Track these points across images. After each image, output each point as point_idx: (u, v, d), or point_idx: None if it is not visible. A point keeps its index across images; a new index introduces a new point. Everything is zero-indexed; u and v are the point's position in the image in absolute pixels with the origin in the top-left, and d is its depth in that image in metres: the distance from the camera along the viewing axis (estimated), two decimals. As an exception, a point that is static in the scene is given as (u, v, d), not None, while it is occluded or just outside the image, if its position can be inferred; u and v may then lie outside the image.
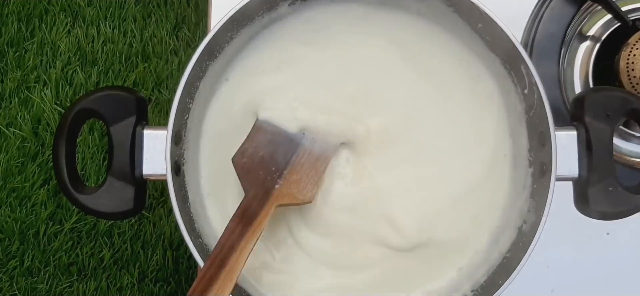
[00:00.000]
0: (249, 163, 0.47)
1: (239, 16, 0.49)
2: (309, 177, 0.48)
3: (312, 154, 0.48)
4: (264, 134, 0.48)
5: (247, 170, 0.47)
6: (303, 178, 0.47)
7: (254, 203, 0.45)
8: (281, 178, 0.47)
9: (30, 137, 1.17)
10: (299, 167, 0.48)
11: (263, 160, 0.47)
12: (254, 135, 0.48)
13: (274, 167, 0.47)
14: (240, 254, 0.42)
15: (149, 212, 1.13)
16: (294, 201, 0.47)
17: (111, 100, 0.47)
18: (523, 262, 0.45)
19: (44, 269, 1.12)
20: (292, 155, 0.48)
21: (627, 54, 0.60)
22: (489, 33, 0.49)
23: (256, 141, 0.48)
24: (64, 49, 1.20)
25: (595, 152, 0.46)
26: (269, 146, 0.48)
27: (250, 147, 0.48)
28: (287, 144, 0.48)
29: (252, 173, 0.47)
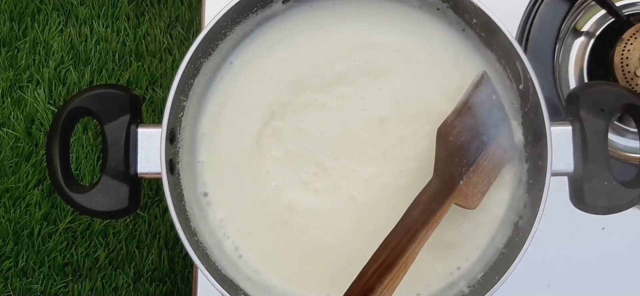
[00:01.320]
0: (452, 144, 0.44)
1: (233, 13, 0.49)
2: (483, 184, 0.45)
3: (492, 160, 0.46)
4: (471, 117, 0.45)
5: (449, 150, 0.44)
6: (479, 183, 0.45)
7: (443, 192, 0.43)
8: (467, 174, 0.44)
9: (23, 137, 1.16)
10: (481, 170, 0.45)
11: (462, 147, 0.44)
12: (464, 113, 0.45)
13: (466, 159, 0.44)
14: (420, 243, 0.41)
15: (144, 211, 1.13)
16: (465, 204, 0.45)
17: (105, 99, 0.47)
18: (519, 258, 0.45)
19: (38, 269, 1.12)
20: (479, 154, 0.45)
21: (621, 49, 0.61)
22: (483, 29, 0.49)
23: (464, 122, 0.45)
24: (57, 48, 1.20)
25: (590, 146, 0.46)
26: (470, 132, 0.45)
27: (459, 125, 0.44)
28: (479, 140, 0.45)
29: (451, 156, 0.44)
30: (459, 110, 0.45)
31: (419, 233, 0.41)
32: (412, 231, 0.41)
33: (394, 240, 0.41)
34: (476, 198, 0.45)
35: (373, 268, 0.40)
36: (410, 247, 0.40)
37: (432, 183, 0.43)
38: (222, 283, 0.46)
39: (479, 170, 0.45)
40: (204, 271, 0.45)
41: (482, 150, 0.45)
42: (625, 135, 0.62)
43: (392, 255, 0.40)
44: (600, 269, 0.62)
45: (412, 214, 0.41)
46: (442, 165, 0.44)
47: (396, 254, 0.40)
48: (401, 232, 0.41)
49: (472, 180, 0.45)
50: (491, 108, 0.46)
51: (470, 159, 0.45)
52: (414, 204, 0.42)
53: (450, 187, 0.43)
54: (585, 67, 0.64)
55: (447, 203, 0.43)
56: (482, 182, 0.45)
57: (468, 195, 0.44)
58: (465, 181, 0.44)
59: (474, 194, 0.45)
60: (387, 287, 0.39)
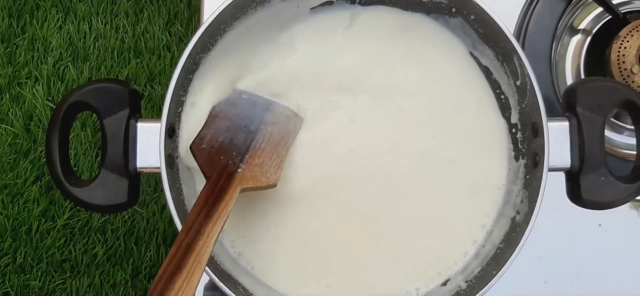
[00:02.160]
0: (208, 149, 0.46)
1: (232, 8, 0.49)
2: (271, 160, 0.47)
3: (272, 139, 0.48)
4: (221, 121, 0.48)
5: (207, 156, 0.46)
6: (266, 162, 0.47)
7: (218, 187, 0.44)
8: (243, 162, 0.46)
9: (21, 133, 1.16)
10: (260, 151, 0.47)
11: (222, 146, 0.47)
12: (211, 122, 0.48)
13: (234, 152, 0.47)
14: (207, 238, 0.41)
15: (142, 208, 1.13)
16: (258, 184, 0.46)
17: (104, 93, 0.47)
18: (516, 253, 0.45)
19: (36, 266, 1.12)
20: (252, 141, 0.48)
21: (618, 46, 0.61)
22: (481, 26, 0.50)
23: (214, 128, 0.48)
24: (56, 45, 1.20)
25: (587, 142, 0.46)
26: (227, 132, 0.48)
27: (208, 133, 0.47)
28: (244, 131, 0.48)
29: (212, 159, 0.46)
30: (206, 122, 0.48)
31: (204, 229, 0.42)
32: (193, 231, 0.42)
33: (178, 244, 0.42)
34: (270, 173, 0.47)
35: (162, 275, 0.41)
36: (197, 245, 0.41)
37: (204, 187, 0.45)
38: (221, 278, 0.46)
39: (260, 153, 0.47)
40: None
41: (253, 137, 0.48)
42: (622, 132, 0.63)
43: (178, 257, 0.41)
44: (596, 265, 0.62)
45: (191, 217, 0.43)
46: (206, 168, 0.46)
47: (181, 255, 0.41)
48: (183, 235, 0.42)
49: (255, 163, 0.47)
50: (245, 104, 0.49)
51: (241, 150, 0.47)
52: (192, 210, 0.43)
53: (227, 180, 0.45)
54: (582, 64, 0.64)
55: (230, 193, 0.44)
56: (271, 158, 0.48)
57: (256, 176, 0.46)
58: (244, 168, 0.46)
59: (265, 172, 0.47)
60: (182, 289, 0.40)
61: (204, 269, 0.41)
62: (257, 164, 0.47)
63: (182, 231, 0.42)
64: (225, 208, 0.43)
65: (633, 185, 0.46)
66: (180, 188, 0.49)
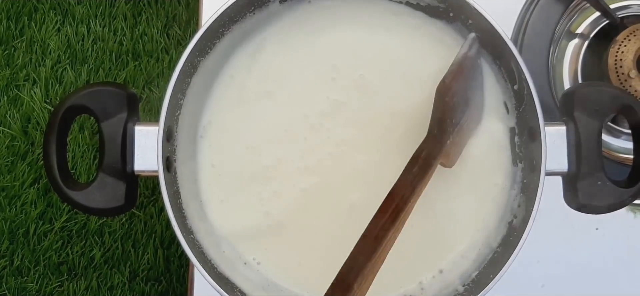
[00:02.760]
0: (448, 105, 0.45)
1: (230, 12, 0.49)
2: (461, 145, 0.46)
3: (470, 121, 0.47)
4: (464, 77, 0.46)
5: (443, 110, 0.44)
6: (459, 143, 0.46)
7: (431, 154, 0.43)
8: (453, 134, 0.45)
9: (19, 135, 1.16)
10: (462, 131, 0.46)
11: (454, 108, 0.45)
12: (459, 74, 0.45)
13: (454, 120, 0.46)
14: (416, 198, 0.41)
15: (139, 211, 1.13)
16: (446, 163, 0.45)
17: (102, 96, 0.47)
18: (513, 257, 0.45)
19: (33, 268, 1.11)
20: (463, 114, 0.47)
21: (615, 51, 0.61)
22: (479, 29, 0.50)
23: (458, 83, 0.45)
24: (54, 47, 1.19)
25: (584, 146, 0.46)
26: (461, 94, 0.46)
27: (454, 86, 0.45)
28: (464, 102, 0.47)
29: (445, 116, 0.44)
30: (454, 72, 0.46)
31: (417, 188, 0.41)
32: (412, 186, 0.41)
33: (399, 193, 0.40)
34: (455, 158, 0.46)
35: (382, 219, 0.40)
36: (411, 201, 0.40)
37: (428, 141, 0.44)
38: (219, 282, 0.46)
39: (462, 131, 0.46)
40: (200, 269, 0.45)
41: (465, 111, 0.47)
42: (619, 136, 0.63)
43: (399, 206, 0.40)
44: (593, 269, 0.62)
45: (413, 170, 0.41)
46: (437, 124, 0.44)
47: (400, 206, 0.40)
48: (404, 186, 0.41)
49: (456, 140, 0.46)
50: (476, 72, 0.48)
51: (457, 119, 0.46)
52: (413, 161, 0.42)
53: (441, 145, 0.44)
54: (579, 69, 0.64)
55: (436, 163, 0.43)
56: (462, 142, 0.47)
57: (450, 153, 0.45)
58: (451, 141, 0.45)
59: (455, 154, 0.46)
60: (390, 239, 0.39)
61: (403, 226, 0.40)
62: (456, 142, 0.46)
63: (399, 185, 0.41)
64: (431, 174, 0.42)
65: (630, 189, 0.46)
66: (177, 191, 0.49)
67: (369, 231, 0.39)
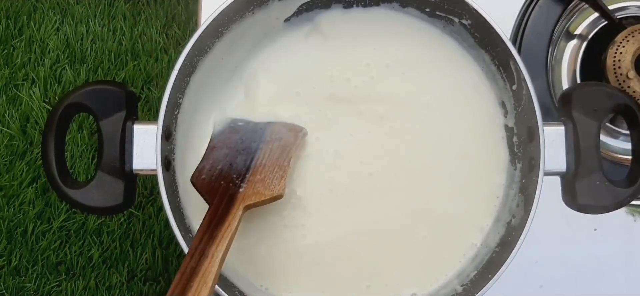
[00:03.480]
0: (208, 178, 0.47)
1: (229, 12, 0.49)
2: (273, 174, 0.48)
3: (272, 154, 0.49)
4: (219, 150, 0.49)
5: (208, 185, 0.47)
6: (267, 177, 0.48)
7: (220, 210, 0.45)
8: (244, 182, 0.47)
9: (18, 135, 1.16)
10: (261, 168, 0.48)
11: (222, 173, 0.48)
12: (209, 154, 0.49)
13: (234, 175, 0.48)
14: (212, 259, 0.42)
15: (138, 211, 1.13)
16: (262, 198, 0.47)
17: (101, 95, 0.47)
18: (512, 257, 0.45)
19: (31, 268, 1.11)
20: (251, 161, 0.48)
21: (613, 51, 0.61)
22: (478, 30, 0.50)
23: (212, 158, 0.48)
24: (53, 47, 1.19)
25: (582, 146, 0.46)
26: (226, 159, 0.48)
27: (207, 164, 0.48)
28: (244, 154, 0.49)
29: (213, 186, 0.47)
30: (204, 155, 0.49)
31: (208, 250, 0.42)
32: (198, 254, 0.42)
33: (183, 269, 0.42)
34: (273, 186, 0.48)
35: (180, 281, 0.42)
36: (202, 267, 0.42)
37: (207, 212, 0.45)
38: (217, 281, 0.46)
39: (261, 169, 0.48)
40: (198, 268, 0.45)
41: (253, 156, 0.49)
42: (617, 136, 0.63)
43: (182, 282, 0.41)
44: (592, 269, 0.62)
45: (194, 242, 0.43)
46: (208, 197, 0.46)
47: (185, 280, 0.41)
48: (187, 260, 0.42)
49: (257, 179, 0.47)
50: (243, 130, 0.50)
51: (241, 171, 0.48)
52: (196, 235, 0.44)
53: (229, 202, 0.46)
54: (578, 69, 0.64)
55: (232, 213, 0.45)
56: (273, 172, 0.48)
57: (259, 191, 0.47)
58: (246, 186, 0.47)
59: (268, 185, 0.47)
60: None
61: (211, 289, 0.42)
62: (258, 180, 0.47)
63: (187, 256, 0.42)
64: (229, 228, 0.44)
65: (628, 189, 0.46)
66: (176, 190, 0.49)
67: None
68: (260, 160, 0.49)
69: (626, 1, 0.65)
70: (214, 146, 0.49)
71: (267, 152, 0.49)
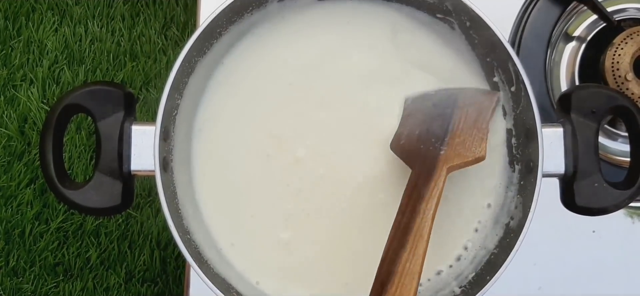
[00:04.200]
0: (407, 144, 0.48)
1: (228, 12, 0.49)
2: (473, 137, 0.47)
3: (469, 117, 0.48)
4: (414, 116, 0.49)
5: (407, 150, 0.47)
6: (467, 139, 0.47)
7: (424, 172, 0.45)
8: (444, 145, 0.47)
9: (16, 135, 1.15)
10: (459, 131, 0.47)
11: (420, 137, 0.48)
12: (405, 121, 0.49)
13: (433, 139, 0.47)
14: (424, 215, 0.42)
15: (136, 212, 1.13)
16: (465, 160, 0.46)
17: (99, 95, 0.47)
18: (510, 258, 0.45)
19: (29, 269, 1.11)
20: (448, 124, 0.48)
21: (612, 54, 0.61)
22: (476, 32, 0.50)
23: (409, 125, 0.49)
24: (51, 48, 1.19)
25: (581, 148, 0.46)
26: (422, 124, 0.48)
27: (403, 131, 0.49)
28: (440, 118, 0.49)
29: (413, 151, 0.47)
30: (400, 122, 0.50)
31: (418, 208, 0.43)
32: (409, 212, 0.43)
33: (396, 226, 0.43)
34: (475, 147, 0.47)
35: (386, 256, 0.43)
36: (415, 223, 0.42)
37: (410, 176, 0.46)
38: (215, 282, 0.46)
39: (459, 132, 0.47)
40: (196, 270, 0.45)
41: (449, 121, 0.48)
42: (615, 138, 0.63)
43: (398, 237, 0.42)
44: (590, 271, 0.62)
45: (402, 201, 0.44)
46: (409, 161, 0.47)
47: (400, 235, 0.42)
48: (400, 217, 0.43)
49: (456, 142, 0.47)
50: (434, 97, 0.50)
51: (440, 135, 0.47)
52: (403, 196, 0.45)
53: (432, 164, 0.46)
54: (576, 72, 0.64)
55: (437, 174, 0.45)
56: (472, 135, 0.47)
57: (460, 153, 0.46)
58: (446, 149, 0.46)
59: (469, 147, 0.46)
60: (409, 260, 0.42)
61: (427, 243, 0.42)
62: (459, 143, 0.47)
63: (398, 213, 0.44)
64: (435, 187, 0.44)
65: (627, 191, 0.46)
66: (174, 191, 0.49)
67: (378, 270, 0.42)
68: (457, 124, 0.48)
69: (625, 3, 0.65)
70: (409, 114, 0.50)
71: (463, 115, 0.48)
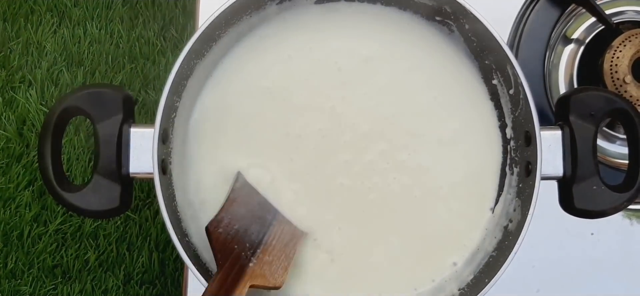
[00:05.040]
0: (224, 235, 0.46)
1: (227, 14, 0.49)
2: (279, 261, 0.47)
3: (282, 237, 0.48)
4: (238, 207, 0.48)
5: (223, 242, 0.46)
6: (275, 261, 0.47)
7: (229, 279, 0.44)
8: (255, 256, 0.46)
9: (15, 137, 1.15)
10: (271, 249, 0.47)
11: (238, 234, 0.47)
12: (229, 206, 0.48)
13: (248, 244, 0.47)
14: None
15: (134, 214, 1.13)
16: (266, 284, 0.46)
17: (98, 98, 0.47)
18: (509, 261, 0.45)
19: (27, 271, 1.11)
20: (264, 235, 0.48)
21: (610, 56, 0.61)
22: (475, 34, 0.50)
23: (231, 213, 0.47)
24: (50, 49, 1.19)
25: (579, 150, 0.46)
26: (243, 220, 0.47)
27: (225, 217, 0.47)
28: (259, 223, 0.48)
29: (227, 246, 0.46)
30: (223, 206, 0.47)
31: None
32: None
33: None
34: (278, 275, 0.47)
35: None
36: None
37: (215, 275, 0.45)
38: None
39: (271, 250, 0.47)
40: (195, 272, 0.45)
41: (266, 231, 0.48)
42: (614, 141, 0.63)
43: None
44: (589, 273, 0.62)
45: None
46: (220, 255, 0.45)
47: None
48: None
49: (265, 260, 0.47)
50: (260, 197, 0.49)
51: (254, 243, 0.47)
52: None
53: (238, 273, 0.45)
54: (575, 74, 0.64)
55: (240, 287, 0.44)
56: (279, 259, 0.47)
57: (265, 274, 0.46)
58: (255, 262, 0.46)
59: (274, 272, 0.47)
60: None
61: None
62: (267, 261, 0.47)
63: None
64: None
65: (625, 194, 0.46)
66: (173, 193, 0.48)
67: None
68: (271, 237, 0.48)
69: (623, 6, 0.65)
70: (234, 199, 0.48)
71: (279, 232, 0.48)
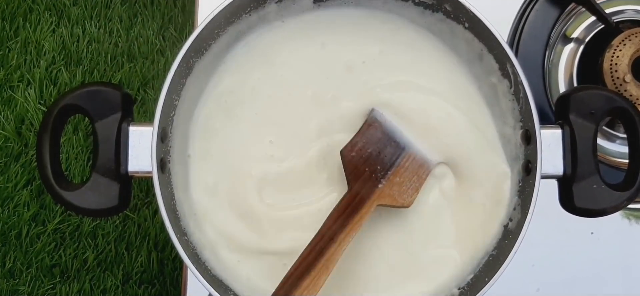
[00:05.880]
0: (357, 158, 0.48)
1: (226, 13, 0.49)
2: (410, 182, 0.48)
3: (416, 160, 0.49)
4: (374, 131, 0.49)
5: (354, 164, 0.48)
6: (405, 182, 0.48)
7: (358, 198, 0.46)
8: (385, 178, 0.48)
9: (13, 136, 1.15)
10: (403, 171, 0.48)
11: (370, 157, 0.48)
12: (365, 131, 0.49)
13: (379, 166, 0.48)
14: (339, 245, 0.43)
15: (133, 213, 1.12)
16: (394, 203, 0.47)
17: (96, 96, 0.47)
18: (509, 260, 0.45)
19: (26, 271, 1.11)
20: (397, 158, 0.49)
21: (610, 55, 0.61)
22: (475, 32, 0.50)
23: (366, 137, 0.49)
24: (49, 48, 1.19)
25: (579, 149, 0.46)
26: (377, 144, 0.49)
27: (360, 141, 0.48)
28: (393, 146, 0.49)
29: (358, 168, 0.48)
30: (360, 129, 0.49)
31: (337, 236, 0.44)
32: (327, 237, 0.44)
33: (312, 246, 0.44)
34: (407, 195, 0.48)
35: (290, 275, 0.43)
36: (328, 251, 0.43)
37: (345, 194, 0.47)
38: (212, 283, 0.46)
39: (402, 171, 0.48)
40: (193, 271, 0.45)
41: (400, 153, 0.49)
42: (614, 140, 0.63)
43: (309, 260, 0.43)
44: (589, 273, 0.62)
45: (327, 222, 0.45)
46: (351, 177, 0.47)
47: (312, 258, 0.43)
48: (317, 239, 0.44)
49: (395, 181, 0.48)
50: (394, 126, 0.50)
51: (386, 164, 0.48)
52: (330, 215, 0.46)
53: (367, 193, 0.47)
54: (574, 73, 0.64)
55: (367, 206, 0.46)
56: (410, 180, 0.48)
57: (394, 194, 0.48)
58: (385, 184, 0.47)
59: (402, 192, 0.48)
60: (308, 287, 0.43)
61: (329, 274, 0.43)
62: (397, 182, 0.48)
63: (317, 234, 0.44)
64: (361, 220, 0.45)
65: (625, 193, 0.46)
66: (172, 192, 0.48)
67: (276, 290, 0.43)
68: (404, 161, 0.49)
69: (623, 5, 0.66)
70: (371, 124, 0.49)
71: (412, 156, 0.49)
